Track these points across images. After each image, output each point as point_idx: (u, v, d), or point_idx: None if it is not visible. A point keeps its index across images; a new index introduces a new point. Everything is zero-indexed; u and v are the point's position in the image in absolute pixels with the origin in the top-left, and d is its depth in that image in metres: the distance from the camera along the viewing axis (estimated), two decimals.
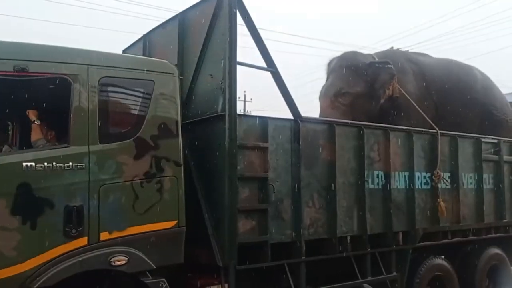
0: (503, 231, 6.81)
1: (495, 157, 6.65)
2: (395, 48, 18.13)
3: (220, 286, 4.20)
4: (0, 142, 3.73)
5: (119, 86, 3.81)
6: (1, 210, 3.15)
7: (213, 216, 4.25)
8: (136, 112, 3.88)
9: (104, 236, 3.52)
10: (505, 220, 6.69)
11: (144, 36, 5.61)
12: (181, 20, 4.94)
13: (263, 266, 4.40)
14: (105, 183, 3.55)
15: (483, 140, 6.51)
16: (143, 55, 5.38)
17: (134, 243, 3.64)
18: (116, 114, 3.81)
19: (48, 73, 3.46)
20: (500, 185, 6.64)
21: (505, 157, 6.76)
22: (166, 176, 3.84)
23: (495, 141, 6.72)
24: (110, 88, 3.73)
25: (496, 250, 6.76)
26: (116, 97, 3.83)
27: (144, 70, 3.87)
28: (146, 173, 3.75)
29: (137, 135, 3.75)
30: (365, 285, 5.08)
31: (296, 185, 4.63)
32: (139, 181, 3.71)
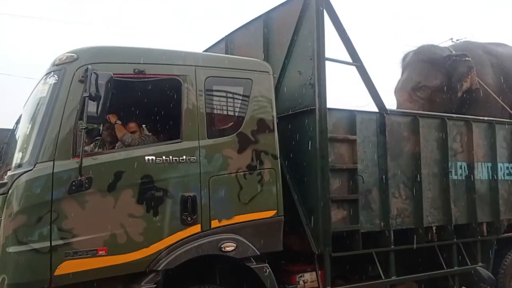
0: None
1: None
2: (455, 39, 17.68)
3: (314, 272, 4.41)
4: (114, 140, 4.12)
5: (222, 85, 4.07)
6: (128, 199, 3.48)
7: (306, 206, 4.44)
8: (237, 109, 4.13)
9: (214, 223, 3.79)
10: None
11: (226, 36, 5.89)
12: (266, 20, 5.15)
13: (355, 254, 4.56)
14: (214, 174, 3.82)
15: None
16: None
17: (240, 230, 3.89)
18: (220, 111, 4.08)
19: (162, 75, 3.78)
20: None
21: None
22: (266, 169, 4.08)
23: None
24: (214, 87, 4.00)
25: None
26: (220, 95, 4.09)
27: (243, 69, 4.12)
28: (249, 166, 4.00)
29: (239, 130, 4.01)
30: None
31: (383, 176, 4.76)
32: (242, 173, 3.96)
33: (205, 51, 6.21)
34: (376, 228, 4.71)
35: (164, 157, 3.63)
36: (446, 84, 6.24)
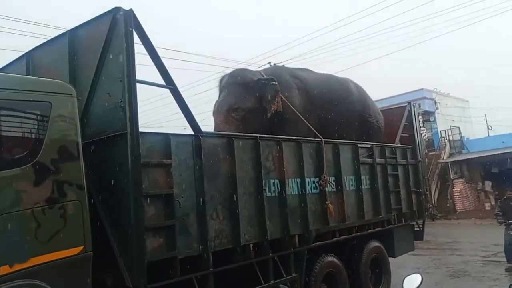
0: (380, 225, 7.67)
1: (369, 160, 7.47)
2: (272, 63, 19.34)
3: None
4: None
5: (13, 109, 3.58)
6: None
7: (119, 237, 4.16)
8: (33, 136, 3.68)
9: (4, 270, 3.27)
10: (381, 216, 7.52)
11: (27, 53, 5.30)
12: (71, 37, 4.78)
13: (173, 282, 4.42)
14: (2, 213, 3.31)
15: (359, 145, 7.28)
16: (27, 74, 5.08)
17: (38, 274, 3.44)
18: (11, 138, 3.57)
19: None
20: (375, 185, 7.46)
21: (377, 160, 7.63)
22: (70, 201, 3.71)
23: (369, 145, 7.55)
24: (3, 111, 3.49)
25: (376, 243, 7.58)
26: (10, 121, 3.58)
27: (39, 91, 3.70)
28: (48, 199, 3.58)
29: (36, 159, 3.57)
30: (281, 285, 5.37)
31: (201, 199, 4.74)
32: (40, 208, 3.53)
33: (2, 69, 5.48)
34: (194, 253, 4.64)
35: None
36: (257, 105, 6.59)
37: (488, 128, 32.84)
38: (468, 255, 11.84)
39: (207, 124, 7.65)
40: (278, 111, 6.60)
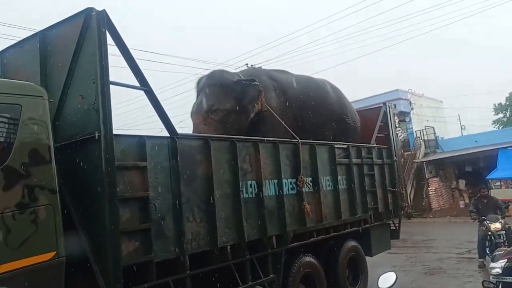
0: (357, 225, 7.74)
1: (346, 160, 7.53)
2: (249, 65, 19.34)
3: None
4: None
5: None
6: None
7: (93, 241, 4.09)
8: (2, 139, 3.58)
9: None
10: (357, 215, 7.59)
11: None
12: (42, 38, 4.68)
13: (149, 286, 4.36)
14: None
15: (336, 146, 7.33)
16: None
17: (9, 281, 3.35)
18: None
19: None
20: (352, 185, 7.52)
21: (354, 160, 7.69)
22: (41, 206, 3.63)
23: (345, 146, 7.61)
24: None
25: (353, 243, 7.65)
26: None
27: (8, 93, 3.60)
28: (19, 204, 3.49)
29: (5, 164, 3.48)
30: (257, 287, 5.38)
31: (177, 202, 4.70)
32: (10, 213, 3.44)
33: None
34: (170, 256, 4.59)
35: None
36: (237, 106, 6.56)
37: (461, 128, 33.65)
38: (443, 252, 12.07)
39: (184, 126, 7.63)
40: (263, 111, 6.58)
